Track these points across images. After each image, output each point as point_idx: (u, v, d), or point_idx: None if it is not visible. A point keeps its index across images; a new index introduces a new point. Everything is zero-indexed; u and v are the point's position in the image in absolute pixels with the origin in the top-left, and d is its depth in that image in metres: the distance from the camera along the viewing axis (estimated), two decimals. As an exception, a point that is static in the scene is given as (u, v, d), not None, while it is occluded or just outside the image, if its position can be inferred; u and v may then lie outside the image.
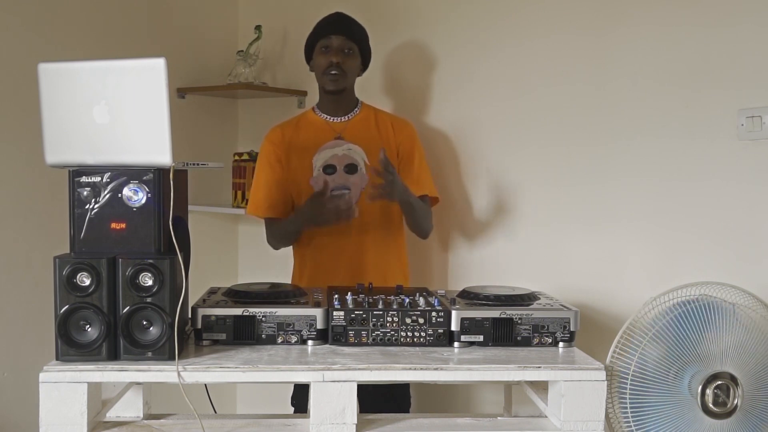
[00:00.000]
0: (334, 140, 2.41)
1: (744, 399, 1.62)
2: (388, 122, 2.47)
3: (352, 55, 2.39)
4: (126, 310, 1.54)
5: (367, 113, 2.48)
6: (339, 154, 2.39)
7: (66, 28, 2.57)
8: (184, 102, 3.00)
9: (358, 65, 2.42)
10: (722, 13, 2.16)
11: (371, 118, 2.47)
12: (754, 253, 2.14)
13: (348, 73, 2.37)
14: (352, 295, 1.84)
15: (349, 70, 2.38)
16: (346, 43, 2.36)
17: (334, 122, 2.43)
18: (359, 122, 2.45)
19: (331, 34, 2.36)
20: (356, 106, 2.47)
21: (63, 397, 1.53)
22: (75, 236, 1.56)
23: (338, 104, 2.43)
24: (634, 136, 2.33)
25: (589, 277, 2.42)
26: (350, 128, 2.43)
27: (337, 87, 2.37)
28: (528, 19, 2.52)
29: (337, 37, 2.36)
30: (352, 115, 2.45)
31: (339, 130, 2.42)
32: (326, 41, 2.36)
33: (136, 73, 1.53)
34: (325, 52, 2.36)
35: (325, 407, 1.57)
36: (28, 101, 1.87)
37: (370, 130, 2.45)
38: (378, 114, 2.49)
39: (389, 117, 2.51)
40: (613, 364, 1.67)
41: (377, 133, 2.44)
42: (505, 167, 2.58)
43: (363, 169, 2.38)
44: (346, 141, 2.40)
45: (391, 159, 2.38)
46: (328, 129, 2.42)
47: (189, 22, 3.04)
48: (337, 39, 2.36)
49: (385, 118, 2.49)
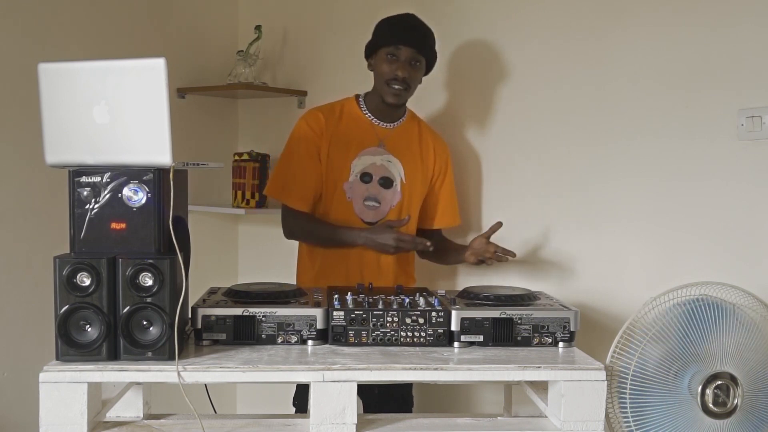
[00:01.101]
0: (375, 147, 2.32)
1: (744, 399, 1.62)
2: (430, 141, 2.40)
3: (419, 68, 2.27)
4: (126, 310, 1.54)
5: (412, 124, 2.40)
6: (377, 164, 2.31)
7: (66, 28, 2.57)
8: (184, 102, 3.00)
9: (422, 76, 2.32)
10: (722, 13, 2.16)
11: (415, 130, 2.40)
12: (754, 253, 2.14)
13: (412, 86, 2.27)
14: (352, 295, 1.84)
15: (413, 84, 2.27)
16: (415, 56, 2.23)
17: (378, 126, 2.33)
18: (403, 132, 2.37)
19: (401, 45, 2.21)
20: (404, 114, 2.38)
21: (63, 397, 1.53)
22: (75, 236, 1.56)
23: (389, 111, 2.33)
24: (635, 136, 2.33)
25: (589, 277, 2.42)
26: (394, 136, 2.35)
27: (398, 102, 2.27)
28: (528, 20, 2.52)
29: (408, 49, 2.21)
30: (398, 123, 2.36)
31: (382, 136, 2.33)
32: (395, 50, 2.22)
33: (136, 73, 1.53)
34: (390, 61, 2.22)
35: (325, 407, 1.57)
36: (28, 101, 1.86)
37: (412, 144, 2.37)
38: (422, 127, 2.42)
39: (431, 134, 2.43)
40: (613, 364, 1.67)
41: (419, 149, 2.38)
42: (506, 167, 2.58)
43: (398, 186, 2.32)
44: (387, 151, 2.33)
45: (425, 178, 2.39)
46: (372, 132, 2.33)
47: (189, 22, 3.04)
48: (407, 51, 2.21)
49: (428, 136, 2.41)
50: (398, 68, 2.21)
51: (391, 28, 2.26)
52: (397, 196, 2.33)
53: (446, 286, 2.63)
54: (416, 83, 2.30)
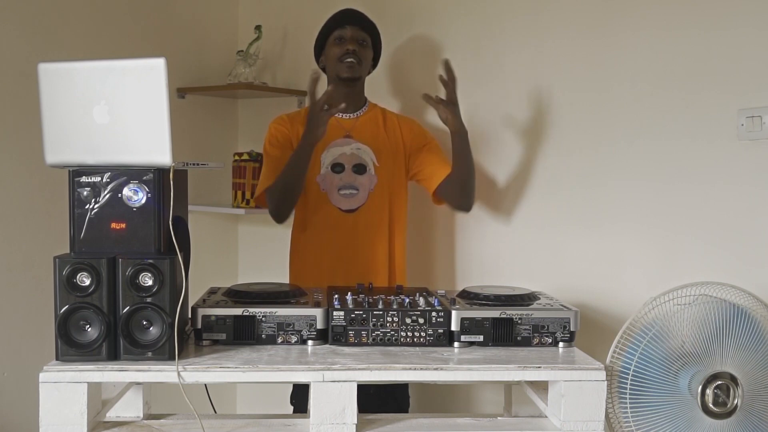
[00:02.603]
0: (343, 138, 2.40)
1: (744, 399, 1.62)
2: (395, 121, 2.48)
3: (366, 47, 2.41)
4: (126, 310, 1.54)
5: (375, 112, 2.48)
6: (347, 153, 2.39)
7: (66, 28, 2.57)
8: (184, 102, 3.00)
9: (371, 58, 2.45)
10: (722, 13, 2.16)
11: (379, 117, 2.47)
12: (754, 253, 2.14)
13: (363, 62, 2.39)
14: (352, 295, 1.84)
15: (364, 60, 2.40)
16: (360, 33, 2.39)
17: (342, 119, 2.42)
18: (368, 121, 2.45)
19: (346, 25, 2.39)
20: (365, 104, 2.48)
21: (63, 397, 1.53)
22: (75, 236, 1.56)
23: (348, 100, 2.37)
24: (635, 136, 2.33)
25: (589, 277, 2.42)
26: (359, 126, 2.43)
27: (353, 74, 2.36)
28: (528, 20, 2.52)
29: (352, 27, 2.39)
30: (360, 112, 2.45)
31: (348, 127, 2.41)
32: (341, 32, 2.38)
33: (136, 73, 1.53)
34: (339, 43, 2.38)
35: (325, 407, 1.57)
36: (28, 101, 1.87)
37: (379, 129, 2.44)
38: (386, 113, 2.50)
39: (396, 117, 2.51)
40: (613, 364, 1.67)
41: (385, 132, 2.44)
42: (506, 168, 2.58)
43: (371, 169, 2.38)
44: (354, 140, 2.40)
45: (399, 157, 2.41)
46: (337, 125, 2.39)
47: (189, 22, 3.04)
48: (352, 29, 2.38)
49: (393, 118, 2.49)
50: (347, 44, 2.36)
51: (334, 16, 2.42)
52: (374, 180, 2.39)
53: (446, 286, 2.63)
54: (367, 62, 2.42)
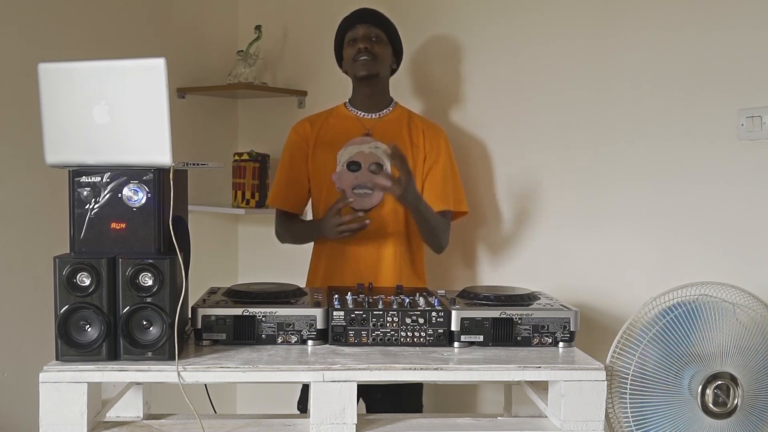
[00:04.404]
0: (361, 136, 2.35)
1: (744, 399, 1.62)
2: (420, 127, 2.39)
3: (381, 42, 2.34)
4: (126, 310, 1.54)
5: (401, 114, 2.41)
6: (365, 152, 2.33)
7: (66, 28, 2.57)
8: (184, 102, 3.00)
9: (389, 54, 2.37)
10: (722, 14, 2.16)
11: (404, 119, 2.40)
12: (753, 253, 2.14)
13: (378, 58, 2.32)
14: (352, 295, 1.84)
15: (379, 56, 2.32)
16: (371, 30, 2.33)
17: (364, 118, 2.38)
18: (391, 122, 2.38)
19: (356, 24, 2.34)
20: (389, 104, 2.41)
21: (63, 397, 1.52)
22: (75, 236, 1.56)
23: (371, 100, 2.36)
24: (635, 136, 2.33)
25: (589, 277, 2.42)
26: (381, 126, 2.37)
27: (368, 71, 2.30)
28: (528, 21, 2.52)
29: (363, 26, 2.33)
30: (384, 113, 2.39)
31: (369, 126, 2.36)
32: (352, 33, 2.34)
33: (136, 73, 1.53)
34: (352, 44, 2.33)
35: (325, 407, 1.57)
36: (28, 101, 1.87)
37: (402, 131, 2.37)
38: (412, 117, 2.42)
39: (423, 122, 2.42)
40: (613, 364, 1.67)
41: (408, 136, 2.36)
42: (506, 168, 2.58)
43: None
44: (374, 139, 2.34)
45: (415, 166, 2.32)
46: (358, 124, 2.36)
47: (189, 22, 3.04)
48: (362, 28, 2.33)
49: (419, 123, 2.40)
50: (359, 43, 2.31)
51: (345, 19, 2.39)
52: None
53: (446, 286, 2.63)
54: (383, 57, 2.34)
